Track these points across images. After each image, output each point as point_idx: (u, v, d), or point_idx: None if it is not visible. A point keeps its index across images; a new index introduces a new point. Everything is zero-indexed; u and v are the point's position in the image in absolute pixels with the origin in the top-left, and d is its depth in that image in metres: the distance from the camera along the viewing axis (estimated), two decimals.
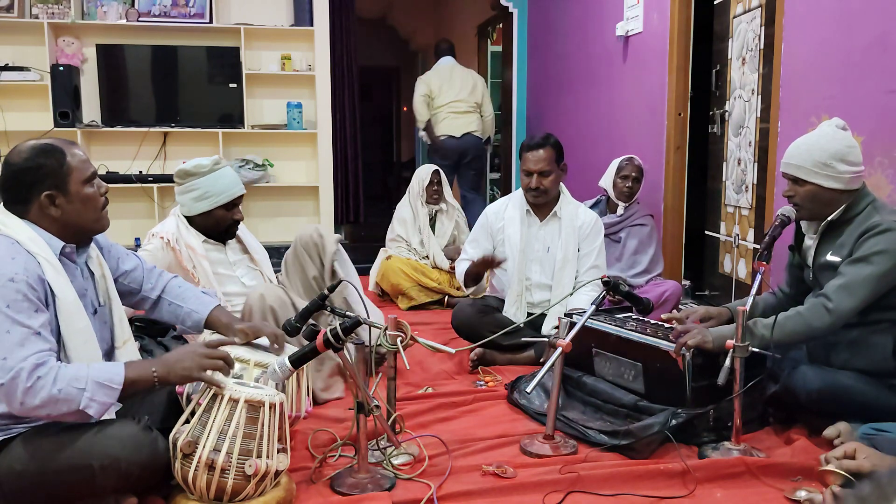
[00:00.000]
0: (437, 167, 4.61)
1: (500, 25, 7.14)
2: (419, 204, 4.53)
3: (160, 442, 1.76)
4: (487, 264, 3.07)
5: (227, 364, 1.81)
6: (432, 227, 4.57)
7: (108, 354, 1.94)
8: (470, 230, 3.63)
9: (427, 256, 4.48)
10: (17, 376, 1.58)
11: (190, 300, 2.13)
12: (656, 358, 2.31)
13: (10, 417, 1.69)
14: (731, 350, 2.08)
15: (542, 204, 3.17)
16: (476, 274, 3.09)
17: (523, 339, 2.95)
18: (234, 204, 2.67)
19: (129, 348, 1.99)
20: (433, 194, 4.53)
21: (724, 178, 3.84)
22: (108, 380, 1.66)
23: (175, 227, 2.67)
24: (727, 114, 3.79)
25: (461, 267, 3.20)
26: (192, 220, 2.68)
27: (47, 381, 1.59)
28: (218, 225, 2.67)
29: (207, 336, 2.12)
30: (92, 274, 1.92)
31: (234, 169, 2.75)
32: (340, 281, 2.38)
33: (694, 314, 2.39)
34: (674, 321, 2.41)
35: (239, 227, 2.78)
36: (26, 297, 1.64)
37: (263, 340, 2.16)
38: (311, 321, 2.07)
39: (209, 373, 1.76)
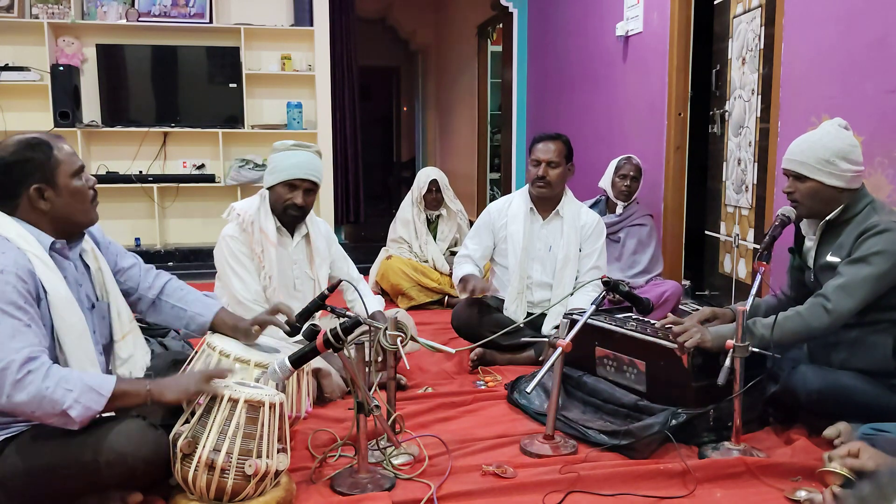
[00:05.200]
0: (435, 176, 4.49)
1: (500, 25, 7.13)
2: (417, 209, 4.52)
3: (164, 438, 1.75)
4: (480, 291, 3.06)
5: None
6: (433, 231, 4.56)
7: (108, 348, 1.93)
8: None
9: (427, 260, 4.47)
10: (8, 368, 1.56)
11: (192, 303, 2.11)
12: (661, 356, 2.31)
13: (9, 415, 1.69)
14: (731, 350, 2.08)
15: (545, 198, 3.17)
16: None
17: (523, 339, 2.96)
18: (295, 186, 2.62)
19: (129, 341, 1.97)
20: (431, 202, 4.52)
21: (724, 178, 3.83)
22: (98, 385, 1.64)
23: (255, 207, 2.67)
24: (727, 114, 3.79)
25: (458, 271, 3.19)
26: (269, 198, 2.68)
27: (37, 376, 1.57)
28: (277, 202, 2.65)
29: (209, 337, 2.11)
30: (87, 268, 1.91)
31: (314, 155, 2.67)
32: (340, 281, 2.37)
33: (699, 315, 2.39)
34: (669, 324, 2.41)
35: (309, 224, 2.75)
36: (16, 289, 1.63)
37: (265, 340, 2.16)
38: (311, 322, 2.07)
39: (210, 384, 1.76)
